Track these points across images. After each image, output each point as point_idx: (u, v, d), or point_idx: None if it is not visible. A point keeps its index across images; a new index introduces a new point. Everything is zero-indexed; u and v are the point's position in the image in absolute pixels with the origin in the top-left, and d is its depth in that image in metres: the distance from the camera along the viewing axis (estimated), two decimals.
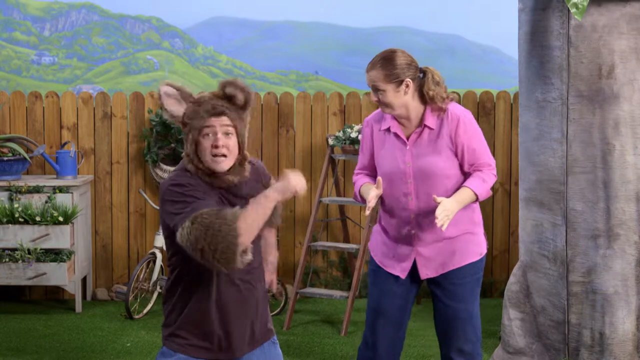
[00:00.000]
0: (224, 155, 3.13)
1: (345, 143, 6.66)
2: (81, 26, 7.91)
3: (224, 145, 3.13)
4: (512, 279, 5.27)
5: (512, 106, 7.30)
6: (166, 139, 7.11)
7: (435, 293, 4.10)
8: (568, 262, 4.95)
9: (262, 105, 7.25)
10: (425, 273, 4.04)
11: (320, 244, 6.74)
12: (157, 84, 7.83)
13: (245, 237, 3.01)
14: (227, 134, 3.14)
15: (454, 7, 7.94)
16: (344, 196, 7.15)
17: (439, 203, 3.81)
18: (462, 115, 3.98)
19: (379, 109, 4.09)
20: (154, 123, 7.09)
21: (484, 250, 4.11)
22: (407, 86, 3.92)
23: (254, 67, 8.01)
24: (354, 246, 6.57)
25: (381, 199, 4.09)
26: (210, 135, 3.13)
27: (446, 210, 3.80)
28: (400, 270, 4.06)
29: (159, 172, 7.07)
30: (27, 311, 6.82)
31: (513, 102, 7.30)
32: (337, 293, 6.50)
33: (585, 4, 4.61)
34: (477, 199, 3.97)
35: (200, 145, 3.13)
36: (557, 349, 5.05)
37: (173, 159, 7.13)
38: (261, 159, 7.23)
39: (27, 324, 6.44)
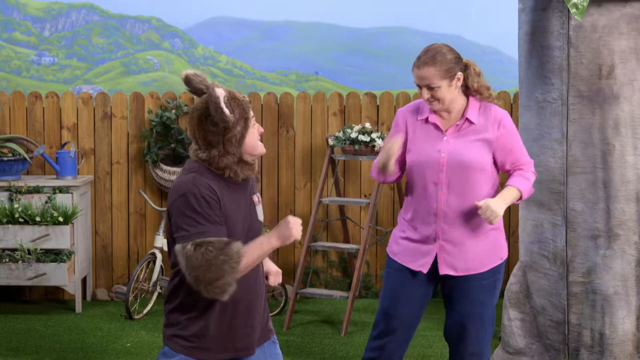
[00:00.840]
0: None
1: (345, 143, 6.66)
2: (81, 26, 7.91)
3: None
4: (512, 279, 5.27)
5: (512, 106, 7.30)
6: (166, 139, 7.11)
7: (452, 295, 4.06)
8: (568, 263, 4.95)
9: (262, 105, 7.25)
10: (445, 269, 3.99)
11: (320, 244, 6.73)
12: (158, 84, 7.85)
13: (241, 276, 3.07)
14: None
15: (454, 7, 7.95)
16: (344, 196, 7.15)
17: (480, 206, 3.83)
18: (503, 116, 4.01)
19: (413, 102, 4.12)
20: (154, 123, 7.10)
21: (505, 255, 4.10)
22: (459, 80, 3.95)
23: (254, 67, 8.01)
24: (354, 246, 6.57)
25: (407, 189, 4.07)
26: (255, 124, 3.20)
27: (490, 207, 3.81)
28: (422, 265, 4.02)
29: (159, 173, 7.07)
30: (27, 311, 6.82)
31: (513, 102, 7.30)
32: (337, 293, 6.50)
33: (585, 4, 4.61)
34: (521, 197, 3.96)
35: (249, 135, 3.17)
36: (557, 349, 5.05)
37: (173, 159, 7.13)
38: (261, 160, 7.23)
39: (27, 324, 6.45)
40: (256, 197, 3.30)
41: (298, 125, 7.27)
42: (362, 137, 6.60)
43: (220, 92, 3.09)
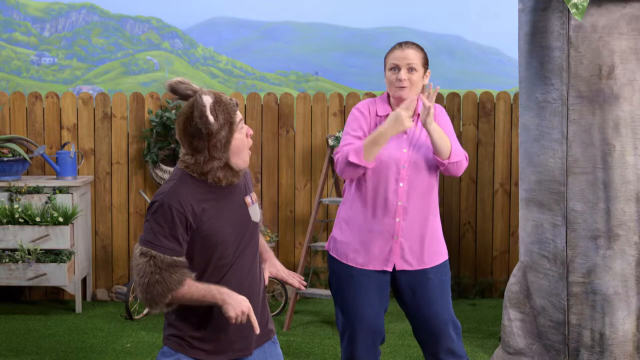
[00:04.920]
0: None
1: None
2: (81, 27, 7.91)
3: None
4: (512, 279, 5.27)
5: (512, 107, 7.30)
6: (166, 140, 7.11)
7: (414, 298, 4.05)
8: (568, 263, 4.95)
9: (262, 105, 7.25)
10: (402, 265, 4.01)
11: (320, 245, 6.74)
12: (158, 85, 7.85)
13: (173, 303, 3.11)
14: None
15: (454, 7, 7.95)
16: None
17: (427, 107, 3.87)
18: (437, 108, 4.09)
19: (366, 100, 4.13)
20: (154, 123, 7.10)
21: (446, 254, 4.16)
22: (427, 76, 4.07)
23: (254, 67, 8.01)
24: None
25: (361, 187, 4.02)
26: (243, 127, 3.17)
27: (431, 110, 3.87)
28: (385, 264, 4.01)
29: (159, 173, 7.07)
30: (27, 312, 6.82)
31: (513, 102, 7.30)
32: None
33: (586, 4, 4.61)
34: (449, 152, 3.94)
35: (236, 141, 3.14)
36: (557, 349, 5.05)
37: (173, 159, 7.13)
38: (261, 160, 7.23)
39: (27, 324, 6.45)
40: (249, 198, 3.27)
41: (298, 125, 7.27)
42: None
43: (207, 100, 3.05)
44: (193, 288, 3.08)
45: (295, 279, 3.54)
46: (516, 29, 5.29)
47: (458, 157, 3.97)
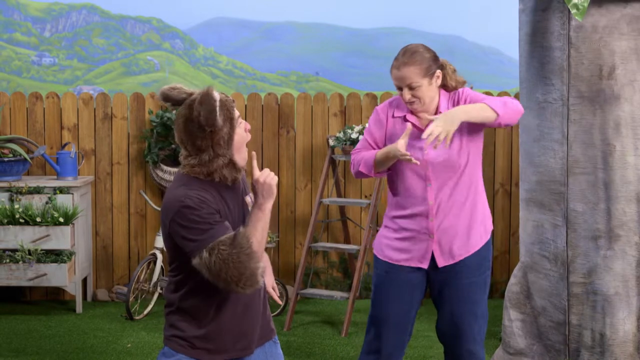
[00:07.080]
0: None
1: (345, 144, 6.66)
2: (81, 27, 7.91)
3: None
4: (512, 280, 5.27)
5: None
6: (167, 140, 7.11)
7: (442, 295, 4.06)
8: (569, 263, 4.95)
9: (262, 106, 7.25)
10: (440, 262, 4.00)
11: (321, 245, 6.73)
12: (159, 85, 7.84)
13: (261, 257, 3.05)
14: None
15: (454, 7, 7.95)
16: (345, 197, 7.16)
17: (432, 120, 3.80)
18: (464, 89, 4.03)
19: (388, 100, 4.11)
20: (154, 124, 7.10)
21: (490, 226, 4.08)
22: (438, 77, 3.96)
23: (255, 68, 8.01)
24: (355, 247, 6.57)
25: (393, 187, 4.06)
26: (241, 122, 3.15)
27: (438, 121, 3.75)
28: (421, 262, 4.01)
29: (160, 173, 7.07)
30: (28, 312, 6.82)
31: None
32: (337, 294, 6.50)
33: (586, 4, 4.61)
34: (492, 112, 3.84)
35: (237, 136, 3.12)
36: (557, 349, 5.05)
37: (173, 159, 7.13)
38: (262, 160, 7.23)
39: (27, 324, 6.45)
40: (249, 198, 3.28)
41: (298, 125, 7.27)
42: None
43: (217, 96, 3.07)
44: (252, 230, 3.04)
45: (275, 295, 3.49)
46: (516, 29, 5.29)
47: (502, 108, 3.83)
